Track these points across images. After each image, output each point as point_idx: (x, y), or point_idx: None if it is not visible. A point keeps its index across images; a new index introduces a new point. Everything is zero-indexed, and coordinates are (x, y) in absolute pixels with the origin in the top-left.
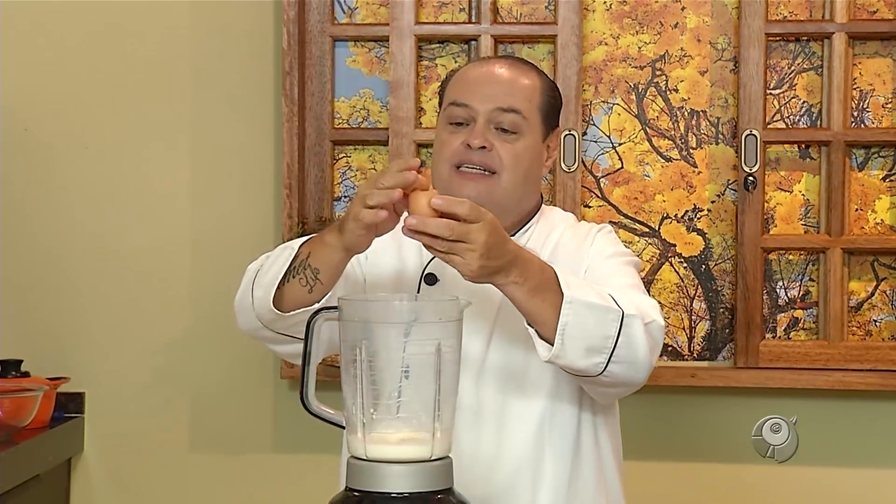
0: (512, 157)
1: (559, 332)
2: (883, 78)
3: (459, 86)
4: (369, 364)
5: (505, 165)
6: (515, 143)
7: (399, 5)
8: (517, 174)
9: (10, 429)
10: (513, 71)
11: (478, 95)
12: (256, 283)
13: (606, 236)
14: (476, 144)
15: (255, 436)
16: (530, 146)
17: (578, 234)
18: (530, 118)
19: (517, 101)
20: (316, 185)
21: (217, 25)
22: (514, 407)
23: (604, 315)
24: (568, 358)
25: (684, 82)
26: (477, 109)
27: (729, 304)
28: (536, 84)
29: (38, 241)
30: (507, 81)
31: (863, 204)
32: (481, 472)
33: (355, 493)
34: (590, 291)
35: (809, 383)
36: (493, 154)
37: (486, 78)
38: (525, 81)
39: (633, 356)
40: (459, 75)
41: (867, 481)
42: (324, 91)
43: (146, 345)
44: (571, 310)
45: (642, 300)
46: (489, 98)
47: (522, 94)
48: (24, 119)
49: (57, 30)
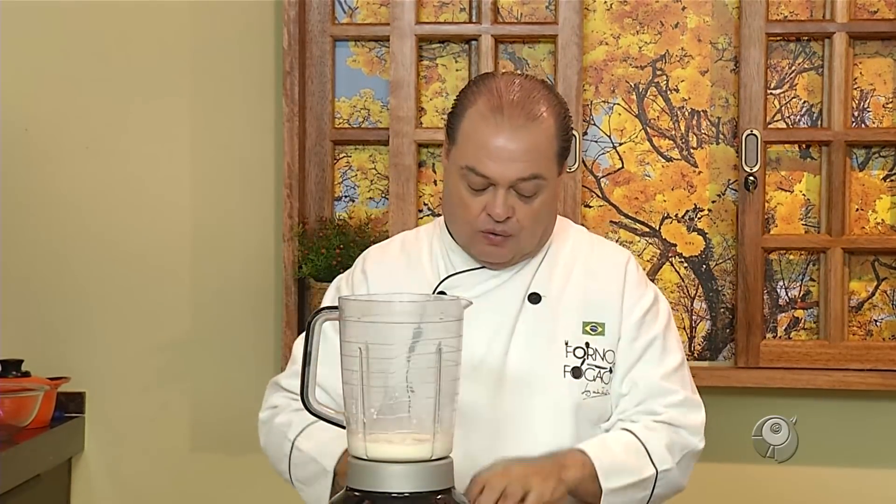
0: (531, 218)
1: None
2: (883, 78)
3: (472, 149)
4: (370, 363)
5: (524, 227)
6: (534, 201)
7: (399, 5)
8: (536, 230)
9: (11, 428)
10: (532, 124)
11: (498, 167)
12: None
13: (637, 272)
14: (500, 217)
15: (256, 436)
16: (549, 196)
17: (606, 256)
18: (549, 172)
19: (536, 164)
20: (316, 185)
21: (217, 25)
22: (533, 415)
23: (639, 486)
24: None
25: (685, 82)
26: (497, 180)
27: (729, 303)
28: (551, 129)
29: (39, 241)
30: (526, 144)
31: (863, 204)
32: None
33: (356, 492)
34: (625, 467)
35: (810, 383)
36: (512, 221)
37: (504, 145)
38: (539, 136)
39: (668, 493)
40: (476, 129)
41: (867, 481)
42: (324, 91)
43: (147, 345)
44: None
45: (686, 418)
46: (508, 170)
47: (542, 154)
48: (24, 119)
49: (57, 30)
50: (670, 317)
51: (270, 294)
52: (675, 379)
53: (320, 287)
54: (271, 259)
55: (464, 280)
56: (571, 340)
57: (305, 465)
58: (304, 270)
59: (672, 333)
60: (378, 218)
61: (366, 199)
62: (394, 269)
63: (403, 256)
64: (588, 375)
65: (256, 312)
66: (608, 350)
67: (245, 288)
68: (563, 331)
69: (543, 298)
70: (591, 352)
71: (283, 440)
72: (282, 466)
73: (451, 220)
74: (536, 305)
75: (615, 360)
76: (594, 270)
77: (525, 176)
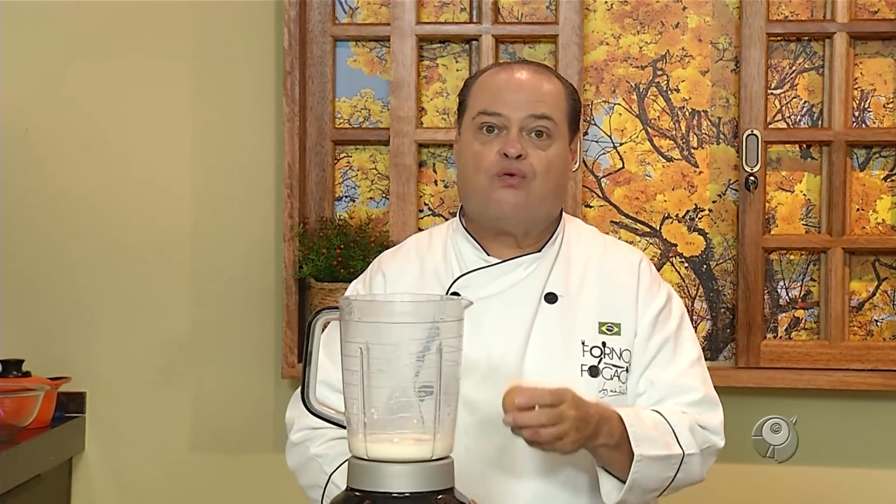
0: (545, 163)
1: (629, 486)
2: (884, 78)
3: (487, 95)
4: (370, 363)
5: (537, 171)
6: (548, 149)
7: (400, 5)
8: (549, 181)
9: (12, 428)
10: (537, 76)
11: (509, 103)
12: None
13: (651, 272)
14: (513, 153)
15: (256, 436)
16: (560, 151)
17: (621, 257)
18: (559, 123)
19: (548, 107)
20: (317, 185)
21: (218, 25)
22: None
23: (666, 462)
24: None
25: (685, 82)
26: (510, 117)
27: (730, 303)
28: (560, 89)
29: (39, 241)
30: (534, 88)
31: (864, 204)
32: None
33: (356, 492)
34: (655, 440)
35: (810, 383)
36: (527, 161)
37: (514, 85)
38: (550, 87)
39: (686, 483)
40: (483, 83)
41: (867, 481)
42: (325, 91)
43: (147, 345)
44: (640, 466)
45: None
46: (520, 105)
47: (551, 100)
48: (24, 119)
49: (57, 30)
50: (684, 314)
51: (271, 294)
52: (691, 376)
53: (321, 287)
54: (272, 259)
55: (478, 279)
56: (588, 340)
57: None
58: (304, 270)
59: (687, 331)
60: (378, 218)
61: (366, 199)
62: (410, 271)
63: (418, 259)
64: (605, 374)
65: (257, 312)
66: (625, 349)
67: (245, 288)
68: (579, 330)
69: (560, 298)
70: (608, 351)
71: (320, 473)
72: (314, 495)
73: (467, 183)
74: (553, 305)
75: (631, 360)
76: (609, 270)
77: (537, 113)
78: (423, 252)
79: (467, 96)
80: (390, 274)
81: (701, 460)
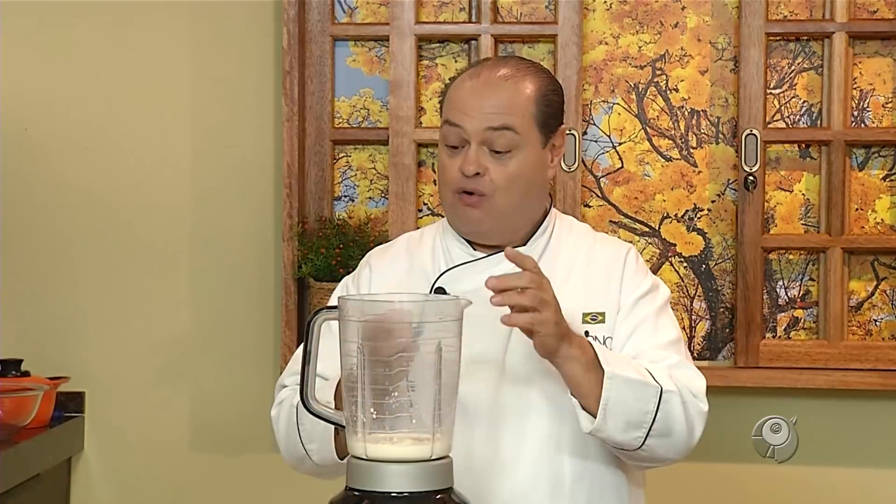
0: (505, 177)
1: (601, 407)
2: (883, 77)
3: (452, 103)
4: (370, 363)
5: (498, 187)
6: (509, 162)
7: (399, 5)
8: (512, 194)
9: (11, 428)
10: (505, 81)
11: (469, 115)
12: (305, 438)
13: (638, 262)
14: (469, 171)
15: (255, 435)
16: (526, 159)
17: (608, 251)
18: (524, 132)
19: (509, 117)
20: (316, 185)
21: (217, 25)
22: (533, 407)
23: (643, 390)
24: (608, 431)
25: (684, 82)
26: (468, 130)
27: (729, 303)
28: (530, 92)
29: (39, 241)
30: (498, 96)
31: (863, 203)
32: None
33: (355, 492)
34: (629, 367)
35: (809, 383)
36: (485, 179)
37: (476, 94)
38: (517, 92)
39: (671, 430)
40: (453, 88)
41: (867, 481)
42: (324, 90)
43: (146, 344)
44: (613, 385)
45: (686, 377)
46: (479, 118)
47: (515, 109)
48: (24, 119)
49: (57, 30)
50: (668, 302)
51: (270, 294)
52: (671, 350)
53: (320, 287)
54: (271, 259)
55: (463, 274)
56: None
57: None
58: (303, 270)
59: (668, 315)
60: (378, 218)
61: (365, 199)
62: (397, 264)
63: (407, 256)
64: None
65: (256, 312)
66: (608, 337)
67: (245, 288)
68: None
69: None
70: (592, 339)
71: (291, 411)
72: (295, 439)
73: (439, 192)
74: None
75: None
76: (595, 262)
77: (495, 125)
78: (413, 249)
79: (444, 100)
80: (377, 268)
81: (682, 409)
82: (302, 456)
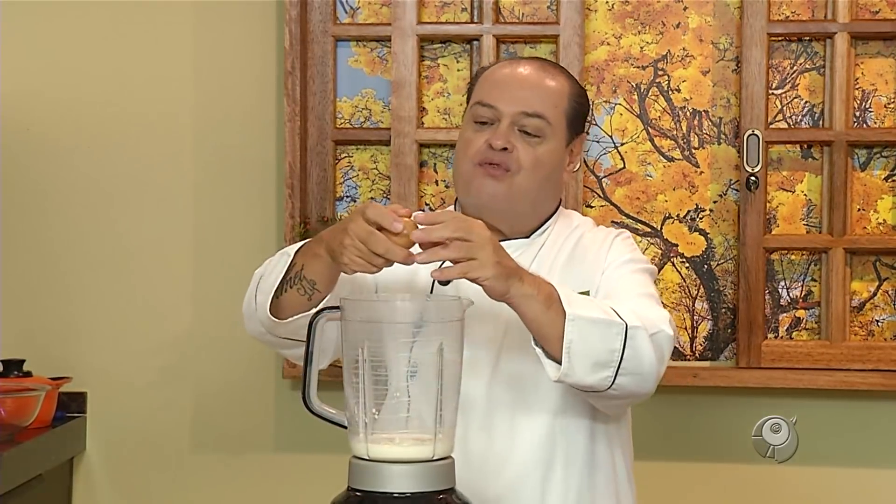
0: (532, 159)
1: (565, 350)
2: (885, 78)
3: (487, 86)
4: (372, 364)
5: (523, 167)
6: (537, 146)
7: (401, 5)
8: (535, 177)
9: (13, 428)
10: (541, 74)
11: (504, 97)
12: (259, 289)
13: (624, 242)
14: (498, 145)
15: (257, 436)
16: (552, 150)
17: (597, 237)
18: (555, 123)
19: (543, 105)
20: (318, 185)
21: (219, 25)
22: (525, 409)
23: (607, 329)
24: (576, 375)
25: (686, 82)
26: (502, 111)
27: (731, 304)
28: (564, 89)
29: (40, 241)
30: (534, 85)
31: (865, 204)
32: (491, 472)
33: (357, 492)
34: (591, 307)
35: (811, 383)
36: (513, 155)
37: (514, 80)
38: (552, 85)
39: (640, 367)
40: (487, 75)
41: (867, 481)
42: (326, 91)
43: (148, 344)
44: (575, 326)
45: (650, 311)
46: (515, 101)
47: (549, 99)
48: (25, 119)
49: (57, 29)
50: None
51: None
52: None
53: None
54: None
55: None
56: None
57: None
58: None
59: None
60: None
61: (367, 199)
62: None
63: None
64: None
65: None
66: None
67: (246, 288)
68: None
69: None
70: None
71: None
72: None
73: (454, 169)
74: None
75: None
76: (583, 248)
77: (529, 111)
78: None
79: (473, 87)
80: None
81: (650, 342)
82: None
